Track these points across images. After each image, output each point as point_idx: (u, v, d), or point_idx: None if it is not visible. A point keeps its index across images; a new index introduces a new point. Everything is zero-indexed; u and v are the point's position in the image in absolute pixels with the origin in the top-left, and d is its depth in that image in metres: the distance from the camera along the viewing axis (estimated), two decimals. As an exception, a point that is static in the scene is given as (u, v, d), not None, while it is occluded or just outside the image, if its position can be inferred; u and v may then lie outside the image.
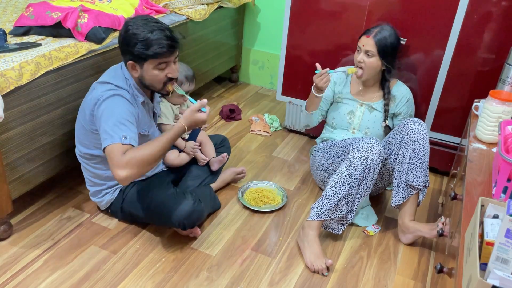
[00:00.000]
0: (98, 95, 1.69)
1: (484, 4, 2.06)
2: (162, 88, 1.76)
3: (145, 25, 1.66)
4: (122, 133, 1.59)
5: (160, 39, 1.64)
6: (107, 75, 1.79)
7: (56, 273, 1.73)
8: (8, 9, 2.49)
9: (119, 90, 1.70)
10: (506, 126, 1.49)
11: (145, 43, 1.63)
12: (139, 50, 1.64)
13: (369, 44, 2.00)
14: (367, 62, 2.02)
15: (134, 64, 1.70)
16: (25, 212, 2.02)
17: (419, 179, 1.89)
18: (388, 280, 1.82)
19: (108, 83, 1.73)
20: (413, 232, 1.94)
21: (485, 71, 2.17)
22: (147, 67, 1.69)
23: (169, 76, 1.73)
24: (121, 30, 1.71)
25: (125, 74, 1.76)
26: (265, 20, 3.36)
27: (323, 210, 1.86)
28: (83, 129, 1.79)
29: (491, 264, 1.00)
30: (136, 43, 1.64)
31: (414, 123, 1.91)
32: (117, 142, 1.57)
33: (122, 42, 1.70)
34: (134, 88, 1.77)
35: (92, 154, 1.83)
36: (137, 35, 1.64)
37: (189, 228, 1.84)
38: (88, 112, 1.73)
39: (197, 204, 1.80)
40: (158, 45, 1.64)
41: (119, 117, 1.63)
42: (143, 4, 2.44)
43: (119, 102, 1.68)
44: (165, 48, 1.65)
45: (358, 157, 1.84)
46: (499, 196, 1.34)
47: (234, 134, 2.83)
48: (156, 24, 1.68)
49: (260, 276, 1.79)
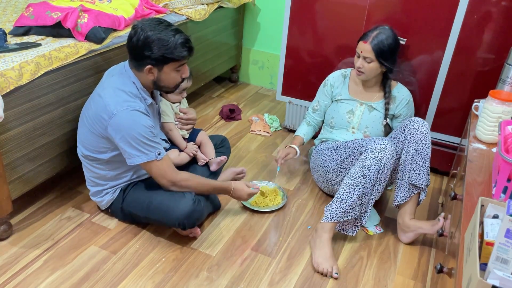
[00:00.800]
0: (112, 107, 1.67)
1: (484, 4, 2.06)
2: (174, 88, 1.82)
3: (163, 29, 1.67)
4: (155, 150, 1.72)
5: (183, 43, 1.69)
6: (114, 81, 1.75)
7: (56, 273, 1.73)
8: (8, 9, 2.49)
9: (134, 103, 1.70)
10: (506, 126, 1.49)
11: (169, 47, 1.66)
12: (163, 54, 1.66)
13: (367, 50, 2.00)
14: (367, 67, 2.03)
15: (152, 68, 1.70)
16: (25, 212, 2.02)
17: (422, 178, 1.90)
18: (388, 280, 1.82)
19: (119, 90, 1.71)
20: (414, 230, 1.94)
21: (485, 71, 2.17)
22: (167, 69, 1.72)
23: (183, 76, 1.80)
24: (135, 35, 1.67)
25: (131, 77, 1.76)
26: (265, 20, 3.36)
27: (337, 212, 1.85)
28: (90, 133, 1.78)
29: (491, 264, 1.00)
30: (159, 47, 1.65)
31: (416, 123, 1.92)
32: (154, 159, 1.72)
33: (141, 47, 1.67)
34: (142, 90, 1.78)
35: (95, 157, 1.83)
36: (159, 39, 1.64)
37: (189, 228, 1.84)
38: (97, 121, 1.72)
39: (197, 204, 1.81)
40: (182, 48, 1.68)
41: (145, 134, 1.69)
42: (143, 4, 2.44)
43: (140, 118, 1.69)
44: (187, 51, 1.70)
45: (372, 158, 1.83)
46: (499, 196, 1.35)
47: (234, 134, 2.83)
48: (171, 27, 1.70)
49: (260, 276, 1.79)
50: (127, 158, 1.74)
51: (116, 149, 1.78)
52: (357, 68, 2.06)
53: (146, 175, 1.92)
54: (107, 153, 1.80)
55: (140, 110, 1.70)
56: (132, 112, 1.68)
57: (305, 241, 1.98)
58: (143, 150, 1.70)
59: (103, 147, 1.79)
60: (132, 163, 1.73)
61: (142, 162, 1.72)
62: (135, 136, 1.68)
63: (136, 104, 1.70)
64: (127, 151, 1.71)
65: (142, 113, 1.70)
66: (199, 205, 1.83)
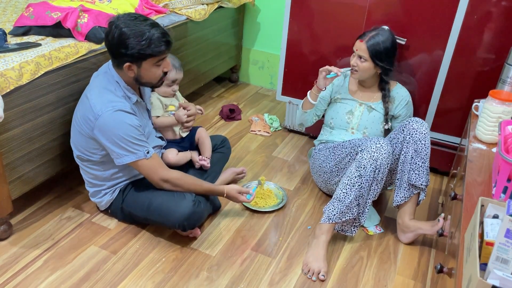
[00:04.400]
0: (97, 109, 1.67)
1: (484, 4, 2.06)
2: (158, 82, 1.80)
3: (138, 24, 1.62)
4: (143, 148, 1.72)
5: (159, 37, 1.64)
6: (100, 81, 1.75)
7: (56, 273, 1.73)
8: (8, 9, 2.49)
9: (119, 103, 1.69)
10: (506, 126, 1.49)
11: (145, 43, 1.62)
12: (139, 50, 1.63)
13: (362, 49, 2.00)
14: (360, 66, 2.03)
15: (131, 65, 1.68)
16: (25, 212, 2.02)
17: (421, 178, 1.90)
18: (388, 280, 1.82)
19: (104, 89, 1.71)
20: (414, 231, 1.94)
21: (485, 71, 2.17)
22: (146, 65, 1.69)
23: (164, 70, 1.76)
24: (110, 33, 1.63)
25: (114, 76, 1.74)
26: (265, 20, 3.36)
27: (334, 213, 1.84)
28: (80, 134, 1.78)
29: (491, 264, 1.00)
30: (134, 44, 1.61)
31: (416, 123, 1.92)
32: (143, 158, 1.72)
33: (116, 45, 1.63)
34: (125, 89, 1.76)
35: (87, 158, 1.83)
36: (133, 36, 1.61)
37: (189, 229, 1.84)
38: (85, 122, 1.72)
39: (197, 206, 1.80)
40: (158, 43, 1.64)
41: (131, 133, 1.68)
42: (143, 4, 2.44)
43: (125, 118, 1.68)
44: (164, 46, 1.66)
45: (368, 158, 1.83)
46: (499, 196, 1.34)
47: (234, 134, 2.83)
48: (147, 22, 1.65)
49: (260, 276, 1.79)
50: (115, 158, 1.73)
51: (105, 149, 1.77)
52: (351, 66, 2.07)
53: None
54: (98, 154, 1.80)
55: (125, 109, 1.68)
56: (117, 113, 1.66)
57: (305, 241, 1.98)
58: (130, 149, 1.70)
59: (93, 148, 1.79)
60: (120, 163, 1.72)
61: (131, 161, 1.72)
62: (122, 136, 1.67)
63: (121, 103, 1.69)
64: (115, 151, 1.70)
65: (127, 112, 1.69)
66: (199, 207, 1.83)
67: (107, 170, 1.85)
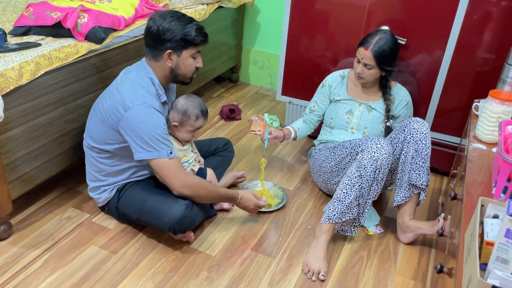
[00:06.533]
0: (128, 101, 1.68)
1: (484, 4, 2.06)
2: (190, 77, 1.85)
3: (180, 16, 1.74)
4: (167, 148, 1.71)
5: (199, 29, 1.76)
6: (133, 76, 1.77)
7: (56, 273, 1.73)
8: (8, 9, 2.49)
9: (150, 100, 1.71)
10: (506, 126, 1.49)
11: (188, 31, 1.72)
12: (183, 35, 1.71)
13: (367, 57, 1.99)
14: (367, 73, 2.04)
15: (171, 53, 1.74)
16: (25, 212, 2.03)
17: (422, 178, 1.89)
18: (388, 280, 1.82)
19: (137, 85, 1.73)
20: (414, 231, 1.94)
21: (485, 71, 2.17)
22: (185, 55, 1.77)
23: (197, 66, 1.83)
24: (154, 23, 1.71)
25: (148, 73, 1.77)
26: (265, 20, 3.37)
27: (334, 213, 1.84)
28: (101, 123, 1.78)
29: (491, 264, 1.00)
30: (179, 29, 1.71)
31: (416, 123, 1.92)
32: (165, 157, 1.70)
33: (161, 32, 1.71)
34: (158, 87, 1.79)
35: (100, 148, 1.83)
36: (178, 23, 1.71)
37: (180, 232, 1.82)
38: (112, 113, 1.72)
39: (189, 210, 1.77)
40: (199, 33, 1.75)
41: (158, 131, 1.69)
42: (143, 4, 2.44)
43: (154, 115, 1.70)
44: (203, 37, 1.78)
45: (368, 158, 1.83)
46: (499, 196, 1.35)
47: (234, 134, 2.83)
48: (186, 16, 1.78)
49: (260, 276, 1.79)
50: (136, 153, 1.71)
51: (123, 142, 1.76)
52: (357, 74, 2.06)
53: (145, 175, 1.91)
54: (114, 145, 1.80)
55: (155, 107, 1.72)
56: (148, 109, 1.69)
57: (305, 241, 1.98)
58: (154, 146, 1.69)
59: (111, 138, 1.78)
60: (140, 158, 1.70)
61: (153, 158, 1.69)
62: (149, 131, 1.67)
63: (152, 101, 1.72)
64: (138, 144, 1.69)
65: (157, 110, 1.72)
66: (192, 211, 1.79)
67: (114, 166, 1.85)
